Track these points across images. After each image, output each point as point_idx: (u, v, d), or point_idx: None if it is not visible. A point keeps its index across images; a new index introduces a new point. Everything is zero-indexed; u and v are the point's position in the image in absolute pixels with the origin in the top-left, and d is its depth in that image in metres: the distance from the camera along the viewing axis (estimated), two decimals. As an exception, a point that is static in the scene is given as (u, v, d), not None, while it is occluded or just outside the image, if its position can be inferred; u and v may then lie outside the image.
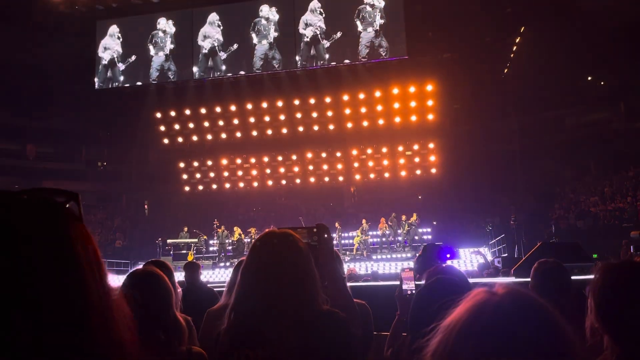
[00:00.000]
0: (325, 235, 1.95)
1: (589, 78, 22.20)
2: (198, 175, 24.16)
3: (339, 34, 19.63)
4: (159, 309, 2.01)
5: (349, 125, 22.14)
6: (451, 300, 0.97)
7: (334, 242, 17.29)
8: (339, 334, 1.58)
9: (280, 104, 22.30)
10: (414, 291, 2.59)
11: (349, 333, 1.62)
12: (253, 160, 23.49)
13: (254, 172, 23.64)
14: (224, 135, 23.28)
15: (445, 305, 0.97)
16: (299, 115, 22.41)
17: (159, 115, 23.28)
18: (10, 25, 21.82)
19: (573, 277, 3.05)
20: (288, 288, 1.57)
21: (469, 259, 17.01)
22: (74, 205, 0.83)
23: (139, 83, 21.67)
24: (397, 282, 2.74)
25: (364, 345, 2.42)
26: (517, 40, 20.30)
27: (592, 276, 1.69)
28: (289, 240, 1.67)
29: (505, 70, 21.32)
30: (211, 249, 20.74)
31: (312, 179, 23.08)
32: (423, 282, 4.63)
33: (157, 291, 2.05)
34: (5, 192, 0.78)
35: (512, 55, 20.91)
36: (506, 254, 16.06)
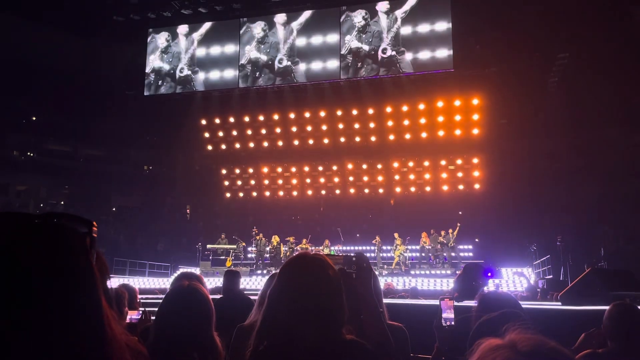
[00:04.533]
0: (365, 265, 1.88)
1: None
2: (239, 182, 24.44)
3: (389, 48, 19.51)
4: (199, 328, 1.98)
5: (391, 137, 21.94)
6: None
7: (374, 254, 17.03)
8: None
9: (322, 114, 22.36)
10: (452, 323, 2.47)
11: None
12: (294, 169, 23.60)
13: (294, 181, 23.73)
14: (265, 144, 23.50)
15: None
16: (341, 125, 22.39)
17: (204, 122, 23.73)
18: (67, 33, 22.78)
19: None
20: (314, 315, 1.52)
21: (511, 280, 16.52)
22: (89, 234, 0.80)
23: (187, 90, 22.06)
24: (437, 302, 2.63)
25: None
26: (568, 55, 19.68)
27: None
28: (319, 266, 1.62)
29: (555, 87, 20.70)
30: (249, 255, 20.91)
31: (352, 190, 22.98)
32: (465, 303, 4.47)
33: (200, 311, 2.02)
34: (22, 215, 0.75)
35: (562, 71, 20.29)
36: (551, 276, 15.52)
